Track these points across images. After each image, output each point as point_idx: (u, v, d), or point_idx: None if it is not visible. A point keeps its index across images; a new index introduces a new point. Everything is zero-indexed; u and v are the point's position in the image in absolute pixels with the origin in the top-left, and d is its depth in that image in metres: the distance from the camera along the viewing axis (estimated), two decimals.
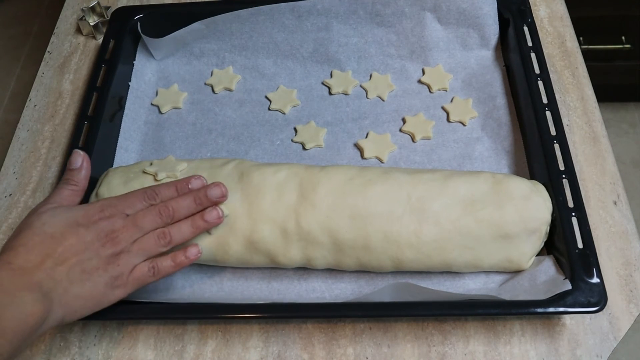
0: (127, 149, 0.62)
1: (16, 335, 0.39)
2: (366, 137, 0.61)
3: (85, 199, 0.54)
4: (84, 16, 0.72)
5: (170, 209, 0.48)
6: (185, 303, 0.50)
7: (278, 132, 0.63)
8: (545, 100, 0.58)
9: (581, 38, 1.19)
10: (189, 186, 0.49)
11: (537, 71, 0.60)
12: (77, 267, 0.44)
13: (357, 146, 0.61)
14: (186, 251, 0.48)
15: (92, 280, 0.44)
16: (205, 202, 0.49)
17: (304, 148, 0.61)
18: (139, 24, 0.67)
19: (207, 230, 0.49)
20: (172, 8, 0.72)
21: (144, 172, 0.53)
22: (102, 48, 0.66)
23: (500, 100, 0.63)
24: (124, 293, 0.46)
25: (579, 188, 0.52)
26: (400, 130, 0.62)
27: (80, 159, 0.51)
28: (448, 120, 0.62)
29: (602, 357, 0.48)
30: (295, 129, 0.63)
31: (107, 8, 0.73)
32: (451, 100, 0.63)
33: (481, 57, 0.66)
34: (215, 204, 0.49)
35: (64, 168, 0.56)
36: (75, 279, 0.43)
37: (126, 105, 0.64)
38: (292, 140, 0.62)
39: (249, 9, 0.65)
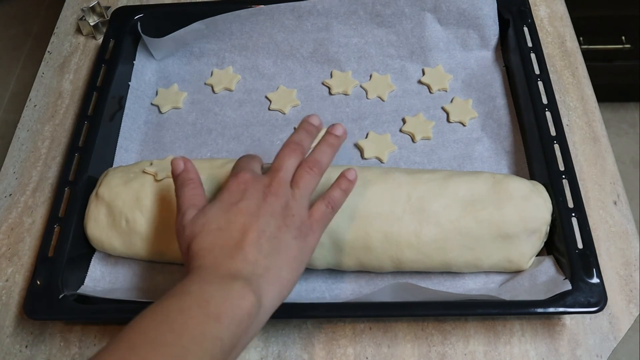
0: (127, 149, 0.62)
1: (232, 320, 0.37)
2: (366, 137, 0.61)
3: (85, 200, 0.54)
4: (84, 16, 0.72)
5: (296, 142, 0.46)
6: None
7: (278, 132, 0.63)
8: (545, 101, 0.58)
9: (581, 38, 1.19)
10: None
11: (537, 72, 0.60)
12: (262, 239, 0.41)
13: (357, 146, 0.61)
14: (347, 175, 0.46)
15: (282, 242, 0.41)
16: (315, 130, 0.48)
17: None
18: (139, 24, 0.67)
19: None
20: (172, 8, 0.72)
21: (144, 172, 0.54)
22: (102, 48, 0.66)
23: (500, 100, 0.63)
24: (316, 238, 0.44)
25: (579, 188, 0.52)
26: (400, 131, 0.62)
27: (181, 162, 0.47)
28: (448, 120, 0.62)
29: (602, 357, 0.48)
30: (295, 129, 0.63)
31: (107, 8, 0.73)
32: (451, 101, 0.63)
33: (481, 57, 0.66)
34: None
35: (64, 168, 0.56)
36: (267, 251, 0.41)
37: (126, 105, 0.64)
38: None
39: (249, 9, 0.65)
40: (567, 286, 0.46)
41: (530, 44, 0.62)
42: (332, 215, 0.45)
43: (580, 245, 0.49)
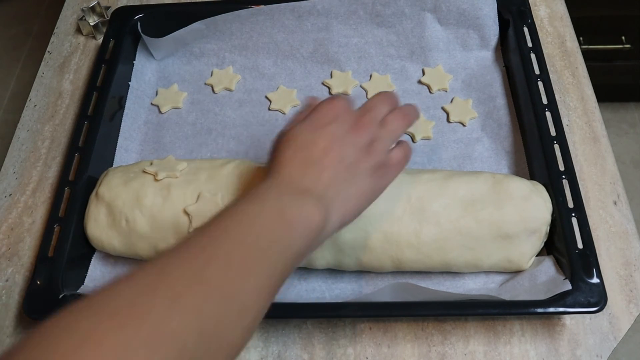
0: (127, 148, 0.62)
1: (304, 231, 0.38)
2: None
3: (85, 200, 0.54)
4: (84, 16, 0.72)
5: (389, 97, 0.46)
6: None
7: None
8: (545, 101, 0.58)
9: (581, 38, 1.19)
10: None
11: (537, 72, 0.60)
12: (339, 167, 0.41)
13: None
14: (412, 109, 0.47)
15: (358, 175, 0.42)
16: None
17: None
18: (139, 23, 0.67)
19: None
20: (172, 8, 0.72)
21: (144, 172, 0.53)
22: (102, 48, 0.66)
23: (500, 100, 0.63)
24: (388, 181, 0.44)
25: (579, 188, 0.52)
26: None
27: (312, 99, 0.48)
28: (448, 120, 0.62)
29: (602, 357, 0.48)
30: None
31: (107, 8, 0.73)
32: (451, 101, 0.63)
33: (481, 57, 0.66)
34: None
35: (64, 168, 0.56)
36: (342, 179, 0.41)
37: (126, 105, 0.64)
38: None
39: (249, 9, 0.65)
40: (567, 286, 0.46)
41: (530, 44, 0.62)
42: (405, 163, 0.46)
43: (580, 245, 0.49)
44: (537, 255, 0.51)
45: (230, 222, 0.36)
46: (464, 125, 0.62)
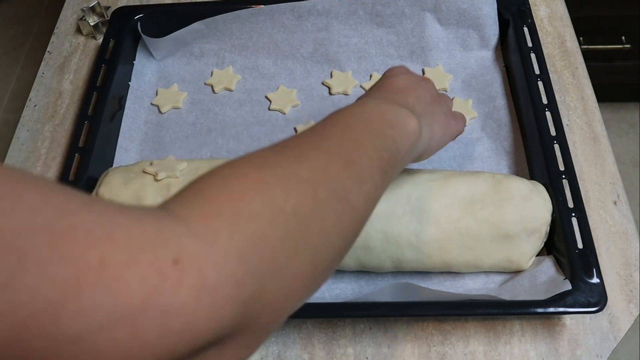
0: (127, 148, 0.62)
1: (404, 131, 0.40)
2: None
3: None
4: (84, 16, 0.72)
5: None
6: None
7: (278, 132, 0.63)
8: (545, 101, 0.58)
9: (581, 38, 1.19)
10: None
11: (537, 72, 0.60)
12: (420, 100, 0.45)
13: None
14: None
15: (435, 111, 0.46)
16: None
17: None
18: (139, 24, 0.67)
19: None
20: (172, 8, 0.72)
21: (144, 172, 0.53)
22: (102, 48, 0.66)
23: (500, 100, 0.63)
24: (459, 127, 0.50)
25: (579, 188, 0.52)
26: None
27: None
28: None
29: (602, 357, 0.48)
30: (295, 129, 0.63)
31: (107, 8, 0.73)
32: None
33: (481, 57, 0.66)
34: None
35: (64, 168, 0.56)
36: (423, 108, 0.44)
37: (126, 105, 0.64)
38: None
39: (249, 9, 0.65)
40: (567, 286, 0.46)
41: (530, 44, 0.62)
42: (464, 125, 0.51)
43: (580, 245, 0.49)
44: (537, 255, 0.51)
45: (338, 115, 0.38)
46: None
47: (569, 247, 0.48)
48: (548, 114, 0.57)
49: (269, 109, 0.65)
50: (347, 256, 0.50)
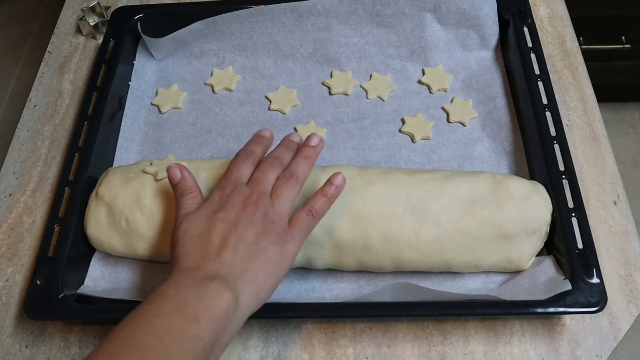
0: (127, 148, 0.62)
1: (211, 319, 0.38)
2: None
3: (85, 200, 0.54)
4: (84, 16, 0.72)
5: (277, 157, 0.49)
6: None
7: (278, 132, 0.62)
8: (545, 101, 0.58)
9: (581, 38, 1.19)
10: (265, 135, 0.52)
11: (537, 72, 0.60)
12: (240, 244, 0.43)
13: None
14: (333, 180, 0.47)
15: (260, 247, 0.43)
16: (295, 145, 0.51)
17: None
18: (139, 24, 0.67)
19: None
20: (172, 8, 0.72)
21: (144, 172, 0.54)
22: (102, 48, 0.66)
23: (500, 100, 0.63)
24: (296, 246, 0.45)
25: (579, 188, 0.52)
26: (400, 131, 0.62)
27: (177, 171, 0.49)
28: (448, 120, 0.62)
29: (602, 357, 0.48)
30: (295, 129, 0.63)
31: (107, 8, 0.73)
32: (451, 101, 0.63)
33: (481, 57, 0.66)
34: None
35: (64, 168, 0.56)
36: (245, 255, 0.43)
37: (126, 105, 0.64)
38: None
39: (249, 9, 0.65)
40: (567, 286, 0.46)
41: (530, 44, 0.62)
42: (313, 223, 0.46)
43: (580, 245, 0.49)
44: (537, 255, 0.51)
45: (130, 328, 0.37)
46: (464, 125, 0.62)
47: (569, 247, 0.48)
48: (548, 114, 0.57)
49: (269, 109, 0.65)
50: (347, 256, 0.50)
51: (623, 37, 1.24)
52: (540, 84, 0.59)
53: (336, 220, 0.49)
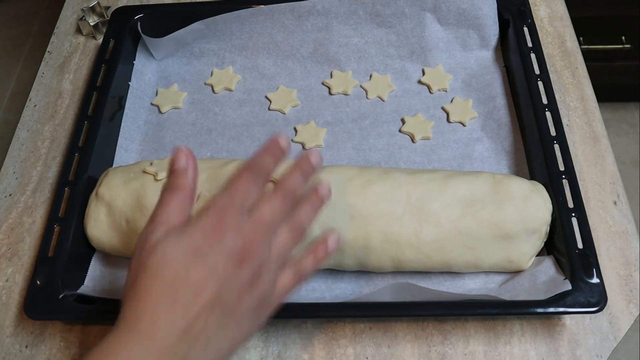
0: (127, 148, 0.62)
1: None
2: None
3: (85, 200, 0.54)
4: (84, 16, 0.72)
5: (291, 190, 0.39)
6: None
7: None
8: (545, 101, 0.58)
9: (581, 38, 1.19)
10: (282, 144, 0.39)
11: (537, 72, 0.60)
12: (214, 314, 0.35)
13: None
14: (327, 242, 0.40)
15: (235, 317, 0.36)
16: (310, 172, 0.40)
17: (304, 148, 0.61)
18: (139, 23, 0.67)
19: None
20: (172, 8, 0.72)
21: (144, 172, 0.53)
22: (102, 48, 0.66)
23: (500, 100, 0.63)
24: (273, 309, 0.39)
25: (579, 188, 0.52)
26: (400, 131, 0.62)
27: (184, 158, 0.40)
28: (448, 120, 0.62)
29: (602, 357, 0.48)
30: (295, 129, 0.63)
31: (107, 8, 0.73)
32: (451, 101, 0.63)
33: (481, 57, 0.66)
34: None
35: (64, 168, 0.56)
36: (215, 325, 0.35)
37: (126, 105, 0.64)
38: (292, 140, 0.62)
39: (249, 9, 0.65)
40: (567, 286, 0.46)
41: (530, 44, 0.62)
42: (295, 290, 0.40)
43: (580, 245, 0.49)
44: (537, 255, 0.51)
45: None
46: (464, 125, 0.62)
47: (569, 247, 0.48)
48: (548, 114, 0.57)
49: (269, 109, 0.65)
50: (347, 256, 0.50)
51: (623, 37, 1.24)
52: (540, 84, 0.59)
53: (336, 220, 0.49)
